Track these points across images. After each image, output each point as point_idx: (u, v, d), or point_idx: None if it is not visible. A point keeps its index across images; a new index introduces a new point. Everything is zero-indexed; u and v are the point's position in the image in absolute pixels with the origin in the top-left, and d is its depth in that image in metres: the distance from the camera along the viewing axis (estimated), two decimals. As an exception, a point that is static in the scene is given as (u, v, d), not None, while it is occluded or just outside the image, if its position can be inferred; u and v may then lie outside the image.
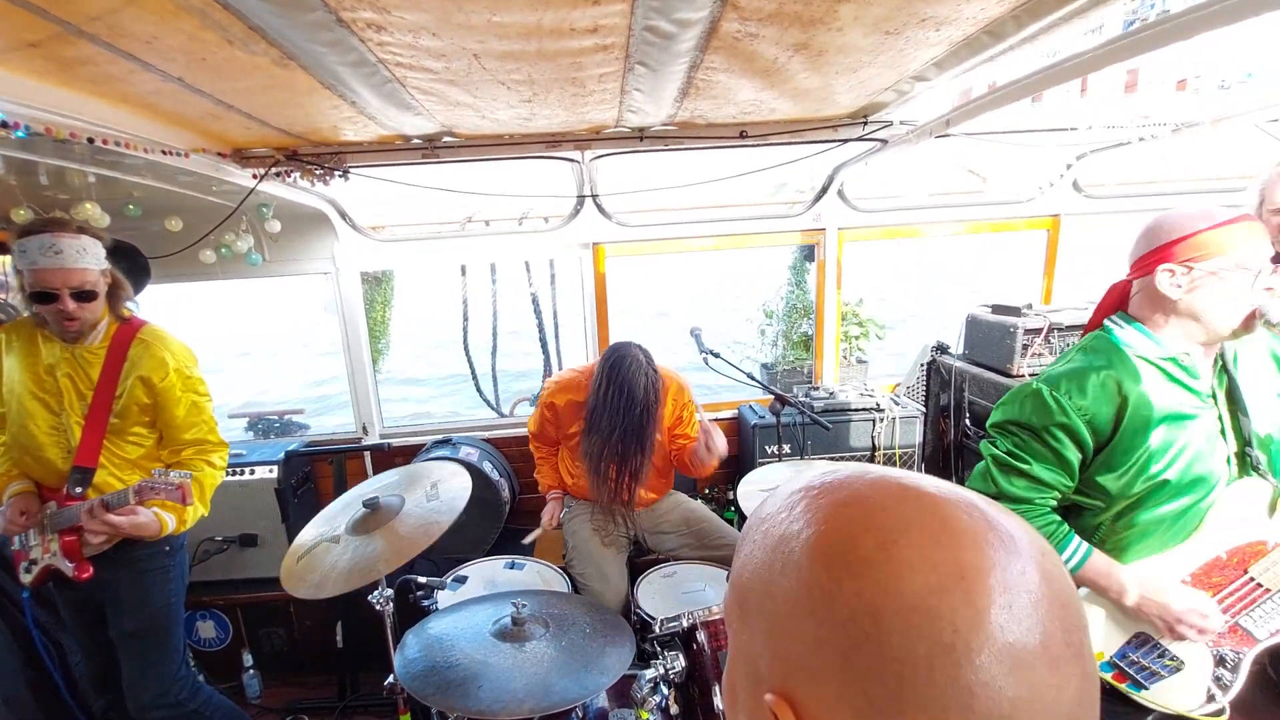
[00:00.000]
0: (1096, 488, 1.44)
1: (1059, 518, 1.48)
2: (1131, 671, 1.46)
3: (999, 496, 1.49)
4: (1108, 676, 1.47)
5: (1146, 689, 1.44)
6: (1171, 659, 1.40)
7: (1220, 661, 1.43)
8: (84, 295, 1.79)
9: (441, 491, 2.01)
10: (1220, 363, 1.43)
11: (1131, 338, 1.43)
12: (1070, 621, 0.39)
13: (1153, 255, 1.36)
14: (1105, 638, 1.48)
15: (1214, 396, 1.41)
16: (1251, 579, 1.41)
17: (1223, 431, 1.40)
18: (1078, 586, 1.44)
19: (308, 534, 2.05)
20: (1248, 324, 1.34)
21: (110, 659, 2.00)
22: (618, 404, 2.42)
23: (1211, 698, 1.43)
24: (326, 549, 1.92)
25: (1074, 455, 1.43)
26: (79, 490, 1.83)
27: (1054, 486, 1.46)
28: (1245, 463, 1.42)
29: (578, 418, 2.57)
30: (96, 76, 1.51)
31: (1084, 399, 1.39)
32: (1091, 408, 1.39)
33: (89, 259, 1.79)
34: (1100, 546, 1.46)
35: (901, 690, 0.37)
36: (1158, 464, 1.37)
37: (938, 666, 0.36)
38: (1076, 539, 1.44)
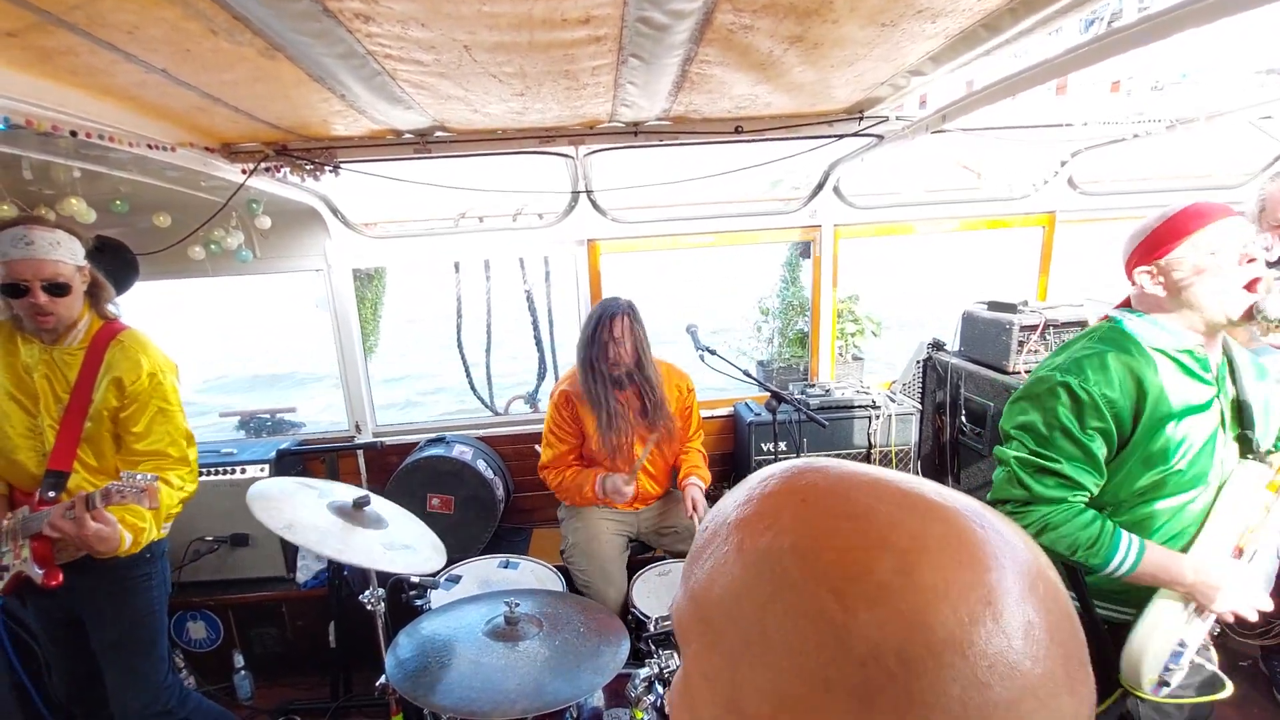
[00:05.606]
0: (1108, 479, 1.43)
1: (1099, 514, 1.42)
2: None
3: (1031, 500, 1.43)
4: None
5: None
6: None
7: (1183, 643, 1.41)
8: (56, 289, 1.74)
9: (398, 549, 1.95)
10: (1226, 357, 1.44)
11: (1142, 328, 1.41)
12: (1069, 632, 0.35)
13: (1130, 262, 1.43)
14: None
15: (1221, 390, 1.41)
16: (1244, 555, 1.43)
17: (1223, 423, 1.41)
18: (1138, 582, 1.39)
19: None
20: (1246, 314, 1.34)
21: (86, 670, 1.95)
22: (595, 334, 2.47)
23: (1165, 683, 1.41)
24: (307, 495, 1.94)
25: (1101, 450, 1.40)
26: (52, 494, 1.79)
27: (1084, 486, 1.41)
28: (1245, 445, 1.43)
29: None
30: (78, 67, 1.48)
31: (1112, 390, 1.36)
32: (1119, 401, 1.36)
33: (62, 252, 1.75)
34: None
35: None
36: (1169, 458, 1.36)
37: (972, 707, 0.31)
38: (1127, 535, 1.38)
